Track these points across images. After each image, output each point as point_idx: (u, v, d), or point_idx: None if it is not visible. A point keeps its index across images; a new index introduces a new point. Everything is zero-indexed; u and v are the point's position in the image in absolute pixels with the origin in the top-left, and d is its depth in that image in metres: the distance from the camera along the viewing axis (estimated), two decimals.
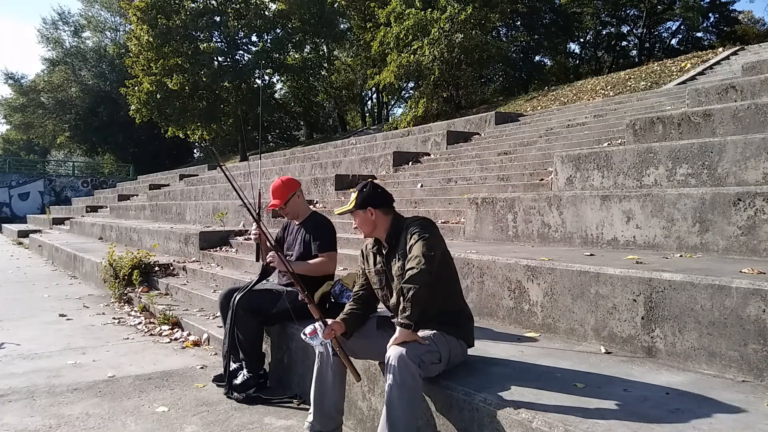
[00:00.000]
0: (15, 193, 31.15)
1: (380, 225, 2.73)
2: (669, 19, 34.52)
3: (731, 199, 3.20)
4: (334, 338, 2.59)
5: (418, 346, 2.37)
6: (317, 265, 3.56)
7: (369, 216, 2.72)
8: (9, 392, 3.64)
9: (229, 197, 11.60)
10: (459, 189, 7.43)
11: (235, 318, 3.50)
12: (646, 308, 2.69)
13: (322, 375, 2.72)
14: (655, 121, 4.81)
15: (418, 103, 22.47)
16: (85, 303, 6.83)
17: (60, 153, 51.54)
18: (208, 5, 30.28)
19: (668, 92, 11.22)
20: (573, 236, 4.04)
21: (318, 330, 2.60)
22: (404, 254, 2.53)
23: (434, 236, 2.53)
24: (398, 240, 2.63)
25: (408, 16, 21.73)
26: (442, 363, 2.47)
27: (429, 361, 2.39)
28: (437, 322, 2.53)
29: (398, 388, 2.28)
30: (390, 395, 2.30)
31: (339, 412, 2.75)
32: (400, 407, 2.29)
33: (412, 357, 2.30)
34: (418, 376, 2.32)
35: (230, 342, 3.55)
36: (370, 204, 2.73)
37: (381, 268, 2.73)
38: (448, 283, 2.64)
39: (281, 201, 3.69)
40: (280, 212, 3.78)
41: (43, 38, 43.02)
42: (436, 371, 2.47)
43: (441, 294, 2.55)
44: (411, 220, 2.65)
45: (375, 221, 2.73)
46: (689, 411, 2.03)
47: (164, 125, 30.12)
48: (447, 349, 2.50)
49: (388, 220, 2.72)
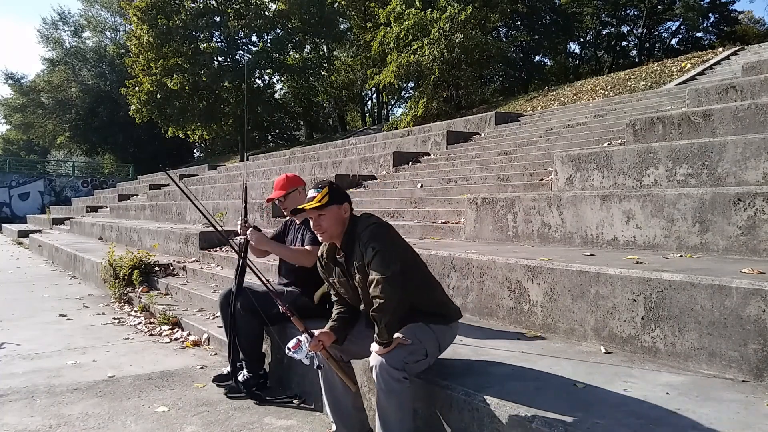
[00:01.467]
0: (15, 193, 31.15)
1: (343, 226, 2.52)
2: (669, 19, 34.54)
3: (731, 199, 3.20)
4: (323, 349, 2.50)
5: (399, 351, 2.31)
6: (298, 252, 3.52)
7: (342, 214, 2.51)
8: (9, 392, 3.64)
9: (230, 197, 11.60)
10: (459, 189, 7.43)
11: (235, 318, 3.50)
12: (646, 308, 2.69)
13: (330, 383, 2.61)
14: (655, 121, 4.81)
15: (418, 103, 22.47)
16: (85, 303, 6.83)
17: (60, 153, 51.56)
18: (208, 5, 30.31)
19: (668, 92, 11.22)
20: (573, 236, 4.04)
21: (303, 343, 2.50)
22: (362, 268, 2.39)
23: (390, 246, 2.39)
24: (353, 249, 2.45)
25: (408, 16, 21.74)
26: (429, 357, 2.43)
27: (413, 360, 2.35)
28: (419, 315, 2.46)
29: (386, 395, 2.28)
30: (379, 403, 2.31)
31: (360, 410, 2.66)
32: (392, 413, 2.29)
33: (394, 363, 2.27)
34: (404, 378, 2.29)
35: (230, 342, 3.55)
36: (346, 200, 2.54)
37: (342, 279, 2.57)
38: (420, 282, 2.54)
39: (282, 192, 3.68)
40: (279, 206, 3.77)
41: (43, 38, 43.09)
42: (423, 367, 2.45)
43: (417, 294, 2.46)
44: (361, 226, 2.47)
45: (345, 220, 2.52)
46: (689, 411, 2.02)
47: (164, 125, 30.15)
48: (434, 340, 2.46)
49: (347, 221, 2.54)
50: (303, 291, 3.53)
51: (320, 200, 2.46)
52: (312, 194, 2.50)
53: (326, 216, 2.47)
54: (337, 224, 2.49)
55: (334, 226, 2.49)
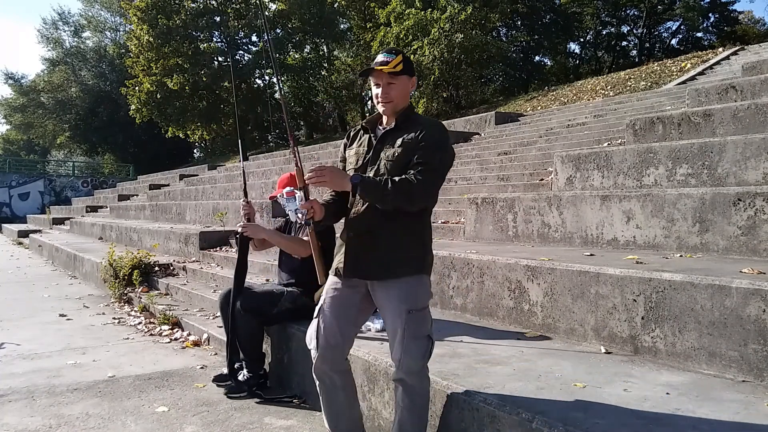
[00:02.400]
0: (15, 193, 31.14)
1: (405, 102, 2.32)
2: (669, 19, 34.54)
3: (731, 199, 3.20)
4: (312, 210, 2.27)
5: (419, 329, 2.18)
6: (294, 241, 3.51)
7: (410, 87, 2.32)
8: (9, 392, 3.64)
9: (230, 197, 11.60)
10: (459, 189, 7.43)
11: (235, 318, 3.50)
12: (646, 308, 2.69)
13: (331, 397, 2.43)
14: (655, 121, 4.81)
15: (418, 103, 22.49)
16: (85, 303, 6.83)
17: (60, 153, 51.54)
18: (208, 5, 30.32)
19: (668, 92, 11.22)
20: (573, 236, 4.04)
21: (297, 197, 2.30)
22: (408, 144, 2.20)
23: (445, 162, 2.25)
24: (408, 125, 2.26)
25: (408, 16, 21.76)
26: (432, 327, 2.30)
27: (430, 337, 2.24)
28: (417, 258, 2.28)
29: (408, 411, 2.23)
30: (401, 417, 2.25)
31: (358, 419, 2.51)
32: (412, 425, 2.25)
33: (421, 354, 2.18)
34: (427, 377, 2.26)
35: (230, 342, 3.55)
36: (415, 73, 2.34)
37: (364, 149, 2.33)
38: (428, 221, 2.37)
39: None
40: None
41: (43, 38, 43.05)
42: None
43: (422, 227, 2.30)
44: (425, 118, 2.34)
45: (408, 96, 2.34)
46: (689, 411, 2.03)
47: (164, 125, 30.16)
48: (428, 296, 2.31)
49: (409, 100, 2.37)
50: (303, 291, 3.53)
51: (395, 66, 2.22)
52: (383, 58, 2.25)
53: (396, 85, 2.26)
54: (404, 97, 2.30)
55: (400, 97, 2.28)
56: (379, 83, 2.26)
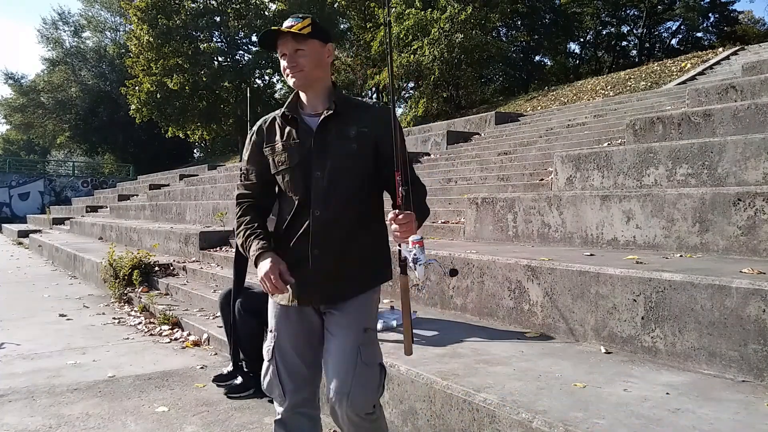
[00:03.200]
0: (15, 193, 31.16)
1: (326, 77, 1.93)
2: (669, 19, 34.56)
3: (731, 199, 3.20)
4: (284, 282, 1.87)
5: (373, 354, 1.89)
6: None
7: (325, 55, 1.92)
8: (9, 392, 3.64)
9: (230, 197, 11.60)
10: (459, 189, 7.43)
11: (235, 318, 3.51)
12: (646, 308, 2.69)
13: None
14: (655, 121, 4.81)
15: (418, 103, 22.52)
16: (85, 303, 6.83)
17: (60, 153, 51.57)
18: (208, 5, 30.32)
19: (668, 92, 11.23)
20: (573, 236, 4.04)
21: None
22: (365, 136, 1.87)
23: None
24: (349, 108, 1.91)
25: (408, 16, 21.78)
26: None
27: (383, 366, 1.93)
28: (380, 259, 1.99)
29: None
30: None
31: None
32: None
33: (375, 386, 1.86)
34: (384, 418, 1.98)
35: (231, 342, 3.56)
36: (331, 41, 1.94)
37: (296, 141, 1.90)
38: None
39: None
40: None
41: (43, 38, 43.08)
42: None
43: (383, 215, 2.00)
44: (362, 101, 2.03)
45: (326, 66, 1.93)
46: (689, 411, 2.03)
47: (164, 125, 30.15)
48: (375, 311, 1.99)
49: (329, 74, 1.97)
50: None
51: (300, 29, 1.83)
52: (290, 22, 1.88)
53: (306, 51, 1.85)
54: (318, 67, 1.89)
55: (313, 67, 1.87)
56: (285, 52, 1.88)
